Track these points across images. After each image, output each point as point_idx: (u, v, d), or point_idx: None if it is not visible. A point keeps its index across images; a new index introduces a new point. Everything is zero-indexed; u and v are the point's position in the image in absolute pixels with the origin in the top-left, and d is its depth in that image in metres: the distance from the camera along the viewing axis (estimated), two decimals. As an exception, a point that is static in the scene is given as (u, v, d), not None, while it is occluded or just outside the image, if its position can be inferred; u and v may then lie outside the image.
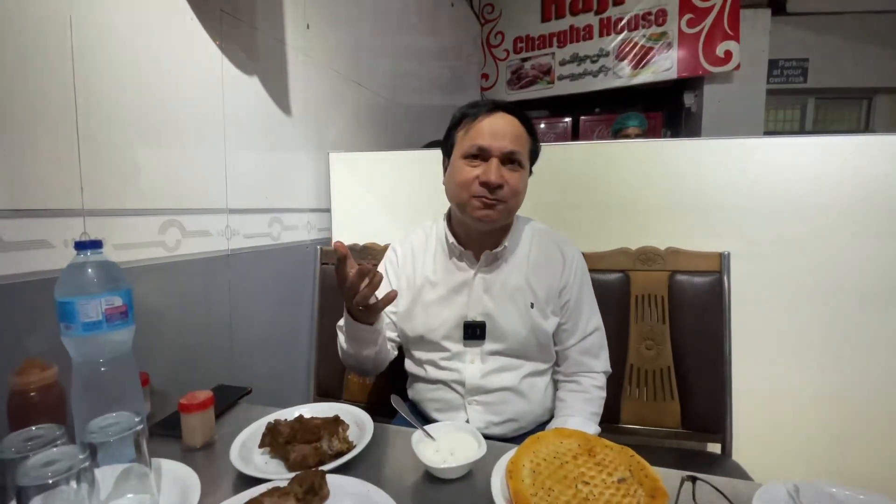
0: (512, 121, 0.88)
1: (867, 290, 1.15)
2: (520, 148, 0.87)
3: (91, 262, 0.63)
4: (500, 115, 0.88)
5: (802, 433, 1.21)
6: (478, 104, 0.91)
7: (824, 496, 0.55)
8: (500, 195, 0.86)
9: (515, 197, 0.88)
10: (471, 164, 0.87)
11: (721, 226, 1.22)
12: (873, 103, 3.99)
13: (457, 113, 0.93)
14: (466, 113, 0.90)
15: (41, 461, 0.46)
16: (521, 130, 0.89)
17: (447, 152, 0.95)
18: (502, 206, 0.87)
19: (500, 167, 0.85)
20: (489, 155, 0.86)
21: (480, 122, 0.87)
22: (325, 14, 1.51)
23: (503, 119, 0.88)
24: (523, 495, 0.53)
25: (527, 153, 0.90)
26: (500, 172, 0.85)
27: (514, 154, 0.86)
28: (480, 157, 0.87)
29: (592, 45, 3.80)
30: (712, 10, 3.40)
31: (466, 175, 0.87)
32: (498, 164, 0.85)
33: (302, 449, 0.63)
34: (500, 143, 0.86)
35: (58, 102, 0.76)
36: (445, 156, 0.96)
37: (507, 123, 0.87)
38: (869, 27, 3.70)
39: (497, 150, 0.86)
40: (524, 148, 0.89)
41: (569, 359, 0.96)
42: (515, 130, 0.88)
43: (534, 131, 0.92)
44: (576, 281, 0.95)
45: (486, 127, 0.87)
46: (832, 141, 1.17)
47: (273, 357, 1.31)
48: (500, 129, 0.86)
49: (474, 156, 0.87)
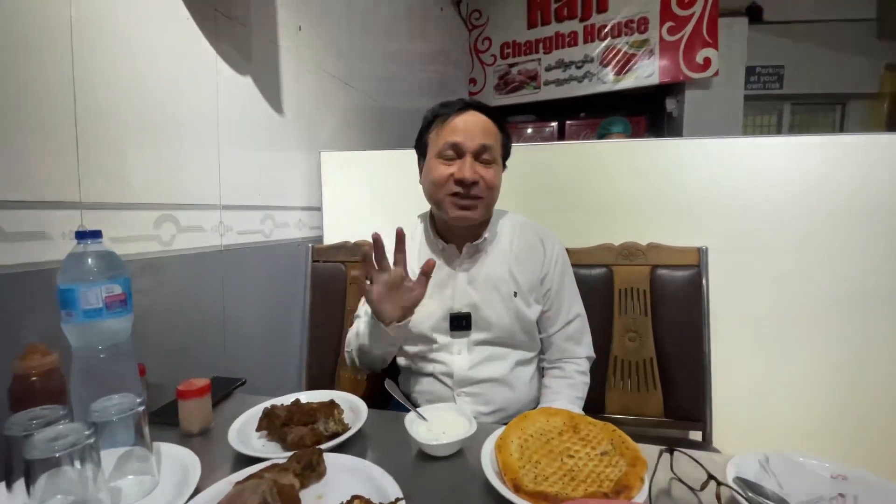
0: (482, 118, 0.91)
1: (841, 283, 1.21)
2: (492, 142, 0.90)
3: (91, 251, 0.65)
4: (471, 113, 0.91)
5: (780, 421, 1.26)
6: (448, 104, 0.93)
7: (793, 464, 0.58)
8: (475, 191, 0.88)
9: (491, 192, 0.91)
10: (445, 162, 0.90)
11: (700, 222, 1.28)
12: (846, 109, 4.14)
13: (428, 114, 0.96)
14: (438, 113, 0.93)
15: (48, 436, 0.48)
16: (492, 126, 0.92)
17: (422, 153, 0.97)
18: (479, 203, 0.90)
19: (474, 163, 0.88)
20: (463, 151, 0.88)
21: (452, 120, 0.90)
22: (317, 17, 1.54)
23: (474, 116, 0.90)
24: (512, 468, 0.55)
25: (499, 148, 0.93)
26: (474, 168, 0.88)
27: (486, 148, 0.89)
28: (455, 154, 0.89)
29: (577, 51, 3.89)
30: (692, 19, 3.51)
31: (441, 173, 0.89)
32: (472, 160, 0.88)
33: (299, 430, 0.65)
34: (473, 139, 0.88)
35: (57, 98, 0.77)
36: (420, 157, 0.98)
37: (477, 120, 0.90)
38: (842, 35, 3.85)
39: (470, 146, 0.88)
40: (496, 143, 0.92)
41: (553, 345, 0.99)
42: (486, 126, 0.91)
43: (504, 127, 0.95)
44: (556, 269, 0.99)
45: (458, 124, 0.89)
46: (806, 141, 1.23)
47: (265, 352, 1.33)
48: (471, 126, 0.89)
49: (448, 154, 0.90)
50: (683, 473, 0.58)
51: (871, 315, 1.20)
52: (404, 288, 0.82)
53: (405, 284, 0.82)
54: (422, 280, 0.83)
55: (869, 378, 1.21)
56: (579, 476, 0.55)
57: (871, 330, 1.20)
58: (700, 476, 0.55)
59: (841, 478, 0.57)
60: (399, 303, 0.83)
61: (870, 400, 1.20)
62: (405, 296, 0.83)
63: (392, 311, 0.83)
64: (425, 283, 0.83)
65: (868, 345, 1.21)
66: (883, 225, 1.18)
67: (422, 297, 0.84)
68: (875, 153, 1.19)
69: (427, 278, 0.82)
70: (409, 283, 0.83)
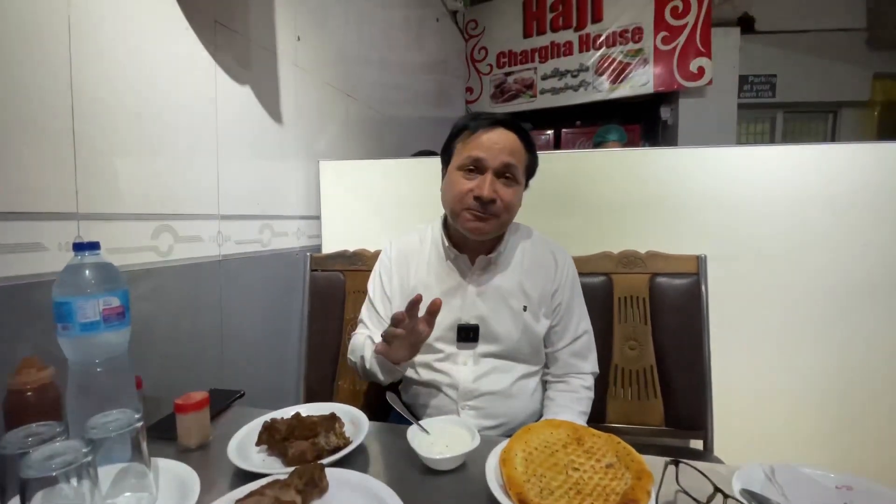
0: (510, 136, 0.90)
1: (839, 289, 1.22)
2: (516, 162, 0.89)
3: (89, 263, 0.64)
4: (499, 130, 0.89)
5: (782, 429, 1.26)
6: (479, 116, 0.92)
7: (798, 476, 0.58)
8: (492, 210, 0.87)
9: (508, 211, 0.90)
10: (466, 175, 0.89)
11: (698, 230, 1.28)
12: (839, 116, 4.19)
13: (458, 123, 0.95)
14: (467, 125, 0.92)
15: (44, 455, 0.47)
16: (519, 145, 0.90)
17: (445, 161, 0.97)
18: (494, 220, 0.89)
19: (494, 181, 0.87)
20: (484, 168, 0.88)
21: (479, 135, 0.89)
22: (315, 27, 1.54)
23: (501, 134, 0.89)
24: (517, 481, 0.55)
25: (523, 168, 0.92)
26: (493, 187, 0.87)
27: (509, 167, 0.88)
28: (476, 169, 0.89)
29: (573, 60, 3.93)
30: (685, 28, 3.56)
31: (461, 187, 0.89)
32: (492, 178, 0.87)
33: (300, 445, 0.64)
34: (496, 157, 0.87)
35: (55, 108, 0.77)
36: (444, 164, 0.98)
37: (504, 138, 0.89)
38: (834, 44, 3.90)
39: (492, 163, 0.87)
40: (520, 163, 0.90)
41: (559, 360, 0.98)
42: (513, 145, 0.89)
43: (532, 147, 0.94)
44: (567, 284, 0.98)
45: (484, 140, 0.88)
46: (800, 150, 1.25)
47: (263, 363, 1.31)
48: (497, 143, 0.88)
49: (470, 168, 0.89)
50: (689, 486, 0.57)
51: (869, 321, 1.21)
52: (415, 332, 0.81)
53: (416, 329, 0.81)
54: (429, 320, 0.81)
55: (869, 384, 1.21)
56: (585, 489, 0.54)
57: (869, 336, 1.21)
58: (706, 488, 0.55)
59: (846, 488, 0.57)
60: (409, 343, 0.83)
61: (871, 407, 1.21)
62: (415, 339, 0.82)
63: (403, 353, 0.84)
64: (432, 322, 0.82)
65: (867, 350, 1.21)
66: (878, 231, 1.20)
67: (428, 336, 0.83)
68: (868, 161, 1.20)
69: (433, 318, 0.81)
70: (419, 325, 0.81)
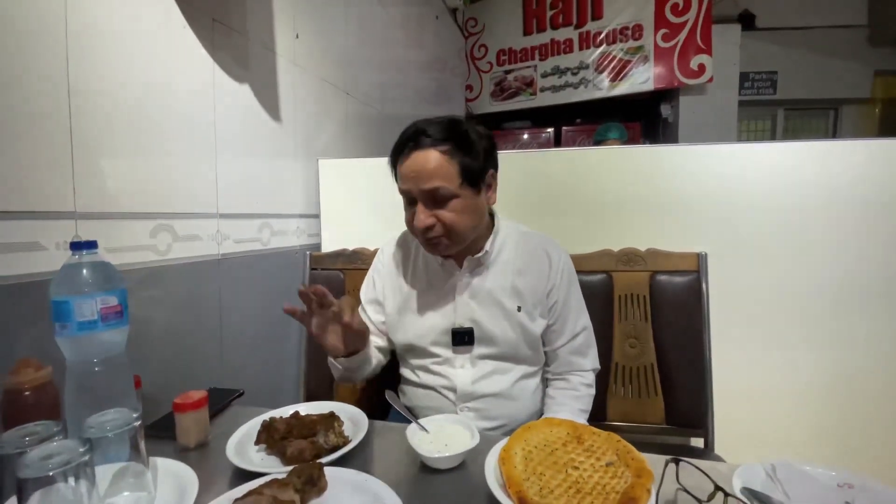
0: (425, 155, 0.82)
1: (840, 286, 1.22)
2: (441, 182, 0.81)
3: (86, 262, 0.64)
4: (416, 154, 0.82)
5: (782, 427, 1.26)
6: (401, 139, 0.86)
7: (799, 474, 0.58)
8: (432, 235, 0.85)
9: (455, 228, 0.84)
10: (408, 207, 0.87)
11: (698, 227, 1.28)
12: (839, 114, 4.19)
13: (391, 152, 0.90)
14: (392, 153, 0.88)
15: (41, 454, 0.47)
16: (441, 160, 0.81)
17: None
18: (443, 241, 0.86)
19: (424, 209, 0.84)
20: (413, 200, 0.85)
21: (401, 165, 0.85)
22: (313, 24, 1.54)
23: (416, 158, 0.82)
24: (516, 480, 0.55)
25: (457, 180, 0.82)
26: (426, 214, 0.83)
27: (436, 191, 0.82)
28: (408, 201, 0.87)
29: (573, 57, 3.93)
30: (686, 26, 3.55)
31: (407, 217, 0.88)
32: (422, 207, 0.84)
33: (299, 444, 0.64)
34: (416, 187, 0.83)
35: (52, 106, 0.76)
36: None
37: (419, 161, 0.82)
38: (835, 41, 3.90)
39: (417, 194, 0.83)
40: (449, 178, 0.82)
41: (558, 359, 0.97)
42: (429, 165, 0.81)
43: (463, 143, 0.83)
44: (563, 282, 0.96)
45: (404, 171, 0.84)
46: (801, 147, 1.24)
47: (263, 362, 1.31)
48: (416, 171, 0.82)
49: (405, 201, 0.87)
50: (690, 484, 0.57)
51: (871, 318, 1.20)
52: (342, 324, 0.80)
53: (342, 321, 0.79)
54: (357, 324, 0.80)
55: (870, 382, 1.21)
56: (585, 488, 0.54)
57: (871, 333, 1.20)
58: (706, 486, 0.54)
59: (847, 486, 0.56)
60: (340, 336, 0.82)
61: (872, 405, 1.20)
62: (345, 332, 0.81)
63: (335, 345, 0.83)
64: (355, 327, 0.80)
65: (869, 348, 1.21)
66: (879, 228, 1.19)
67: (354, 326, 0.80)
68: (869, 157, 1.20)
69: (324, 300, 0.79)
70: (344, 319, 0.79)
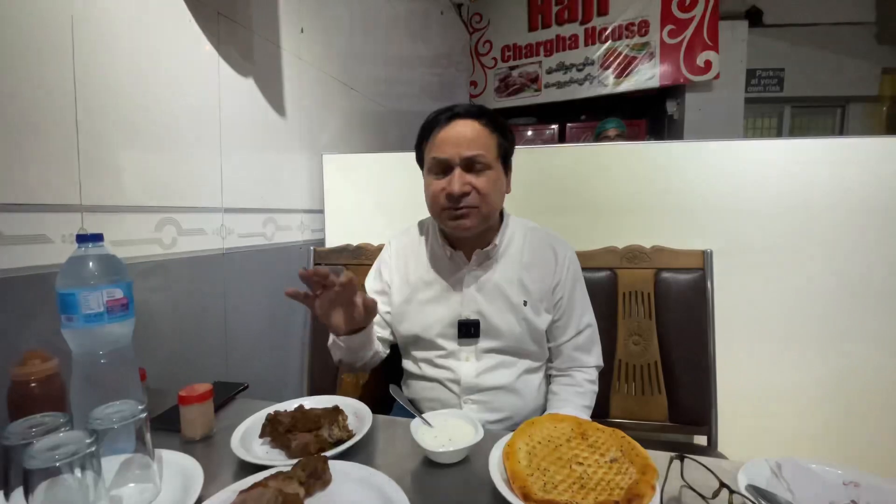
0: (470, 125, 0.87)
1: (846, 284, 1.21)
2: (481, 150, 0.86)
3: (92, 254, 0.64)
4: (458, 123, 0.87)
5: (787, 425, 1.25)
6: (436, 115, 0.90)
7: (804, 471, 0.58)
8: (467, 202, 0.86)
9: (486, 199, 0.87)
10: (437, 177, 0.88)
11: (703, 224, 1.27)
12: (847, 111, 4.14)
13: (422, 126, 0.93)
14: (426, 127, 0.91)
15: (48, 445, 0.47)
16: (482, 131, 0.87)
17: (421, 166, 0.96)
18: (474, 212, 0.87)
19: (463, 175, 0.85)
20: (450, 166, 0.86)
21: (439, 133, 0.87)
22: (318, 19, 1.53)
23: (460, 126, 0.87)
24: (520, 475, 0.54)
25: (494, 153, 0.88)
26: (463, 180, 0.85)
27: (475, 158, 0.85)
28: (442, 170, 0.87)
29: (578, 54, 3.90)
30: (692, 22, 3.52)
31: (434, 188, 0.88)
32: (461, 172, 0.85)
33: (303, 437, 0.64)
34: (457, 153, 0.85)
35: (58, 100, 0.76)
36: (420, 168, 0.97)
37: (463, 130, 0.86)
38: (842, 38, 3.86)
39: (456, 158, 0.85)
40: (486, 149, 0.87)
41: (562, 355, 0.98)
42: (476, 135, 0.86)
43: (499, 126, 0.90)
44: (568, 278, 0.96)
45: (444, 138, 0.87)
46: (808, 144, 1.23)
47: (267, 356, 1.32)
48: (456, 138, 0.86)
49: (437, 170, 0.88)
50: (694, 481, 0.57)
51: (876, 316, 1.20)
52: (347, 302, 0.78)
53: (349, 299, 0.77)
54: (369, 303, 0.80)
55: (875, 380, 1.20)
56: (589, 484, 0.54)
57: (876, 331, 1.20)
58: (711, 483, 0.54)
59: (853, 484, 0.56)
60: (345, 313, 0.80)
61: (878, 402, 1.20)
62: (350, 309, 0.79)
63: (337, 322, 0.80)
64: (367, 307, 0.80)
65: (874, 346, 1.20)
66: (886, 226, 1.18)
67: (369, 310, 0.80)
68: (876, 155, 1.19)
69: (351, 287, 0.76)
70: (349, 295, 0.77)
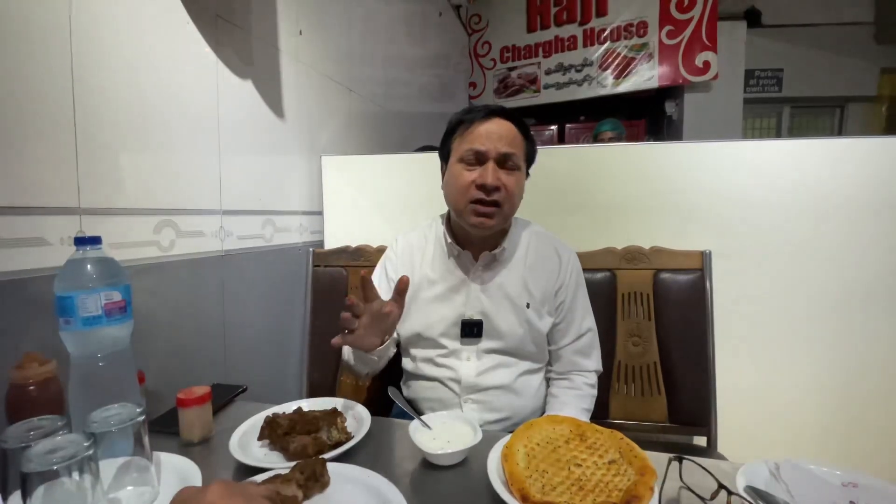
0: (507, 125, 0.90)
1: (845, 284, 1.21)
2: (515, 150, 0.89)
3: (90, 257, 0.64)
4: (495, 121, 0.90)
5: (786, 426, 1.25)
6: (473, 109, 0.93)
7: (803, 473, 0.58)
8: (497, 197, 0.87)
9: (511, 199, 0.90)
10: (468, 168, 0.90)
11: (703, 225, 1.27)
12: (846, 111, 4.15)
13: (453, 119, 0.95)
14: (462, 119, 0.93)
15: (45, 448, 0.47)
16: (516, 134, 0.91)
17: (445, 158, 0.97)
18: (498, 211, 0.89)
19: (496, 170, 0.88)
20: (485, 158, 0.88)
21: (476, 127, 0.90)
22: (317, 21, 1.53)
23: (498, 123, 0.90)
24: (518, 477, 0.54)
25: (523, 156, 0.92)
26: (496, 175, 0.87)
27: (510, 156, 0.89)
28: (477, 161, 0.89)
29: (577, 55, 3.90)
30: (691, 23, 3.52)
31: (464, 179, 0.89)
32: (494, 166, 0.88)
33: (301, 439, 0.64)
34: (496, 147, 0.88)
35: (56, 102, 0.76)
36: (443, 161, 0.98)
37: (502, 128, 0.90)
38: (841, 38, 3.86)
39: (493, 152, 0.88)
40: (520, 150, 0.91)
41: (562, 358, 0.99)
42: (510, 134, 0.90)
43: (529, 134, 0.95)
44: (571, 282, 0.98)
45: (482, 132, 0.89)
46: (807, 144, 1.23)
47: (266, 358, 1.31)
48: (494, 133, 0.89)
49: (471, 160, 0.89)
50: (693, 482, 0.57)
51: (875, 317, 1.19)
52: (381, 315, 0.78)
53: (382, 311, 0.78)
54: (398, 300, 0.79)
55: (874, 381, 1.20)
56: (587, 486, 0.54)
57: (875, 332, 1.20)
58: (709, 485, 0.54)
59: (851, 485, 0.56)
60: (379, 329, 0.80)
61: (877, 404, 1.19)
62: (383, 323, 0.79)
63: (372, 340, 0.80)
64: (402, 301, 0.80)
65: (873, 347, 1.20)
66: (885, 226, 1.18)
67: (399, 316, 0.81)
68: (875, 155, 1.18)
69: (402, 297, 0.79)
70: (385, 308, 0.78)
